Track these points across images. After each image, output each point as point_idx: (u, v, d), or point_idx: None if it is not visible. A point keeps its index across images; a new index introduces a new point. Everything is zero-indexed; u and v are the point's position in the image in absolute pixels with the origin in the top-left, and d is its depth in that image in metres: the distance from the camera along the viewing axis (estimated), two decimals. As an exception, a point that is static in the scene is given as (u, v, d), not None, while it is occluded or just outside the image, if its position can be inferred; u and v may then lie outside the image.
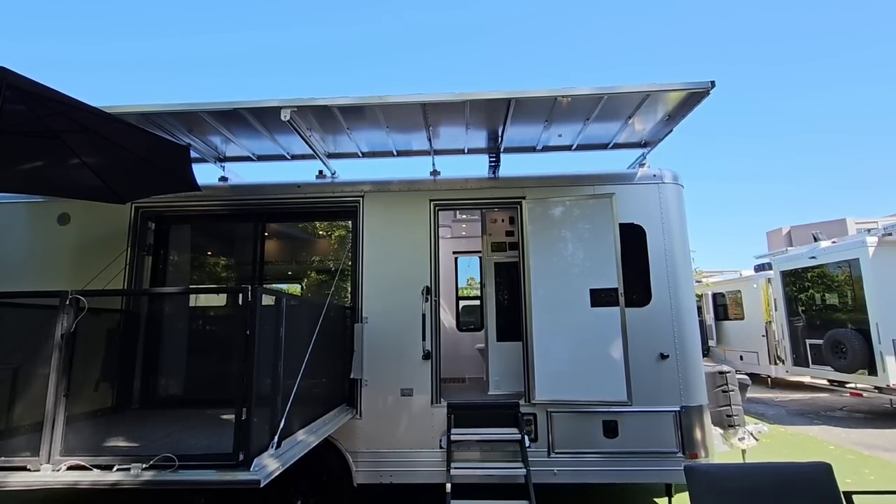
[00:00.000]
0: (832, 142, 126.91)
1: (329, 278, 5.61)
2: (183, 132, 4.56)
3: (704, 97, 3.78)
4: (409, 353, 4.41)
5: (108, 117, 3.18)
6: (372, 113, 4.19)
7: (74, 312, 2.70)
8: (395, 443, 4.27)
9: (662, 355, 4.25)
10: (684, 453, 4.08)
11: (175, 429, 3.41)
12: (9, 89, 2.56)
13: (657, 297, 4.37)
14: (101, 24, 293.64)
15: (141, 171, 3.90)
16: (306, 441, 3.17)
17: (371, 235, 4.65)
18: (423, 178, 4.82)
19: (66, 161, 3.71)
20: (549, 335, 4.34)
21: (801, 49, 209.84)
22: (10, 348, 3.15)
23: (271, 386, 2.86)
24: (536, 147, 4.98)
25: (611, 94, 3.80)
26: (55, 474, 2.52)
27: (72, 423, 2.77)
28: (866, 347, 8.31)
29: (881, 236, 8.34)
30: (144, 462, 2.50)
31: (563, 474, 4.11)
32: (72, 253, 4.74)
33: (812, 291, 10.01)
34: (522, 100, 3.85)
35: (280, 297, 3.04)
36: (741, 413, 4.73)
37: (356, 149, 5.02)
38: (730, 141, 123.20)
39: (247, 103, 3.93)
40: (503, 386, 4.95)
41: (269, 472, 2.49)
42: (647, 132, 4.67)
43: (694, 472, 2.45)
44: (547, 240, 4.51)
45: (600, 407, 4.19)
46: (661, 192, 4.55)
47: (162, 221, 5.05)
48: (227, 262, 6.44)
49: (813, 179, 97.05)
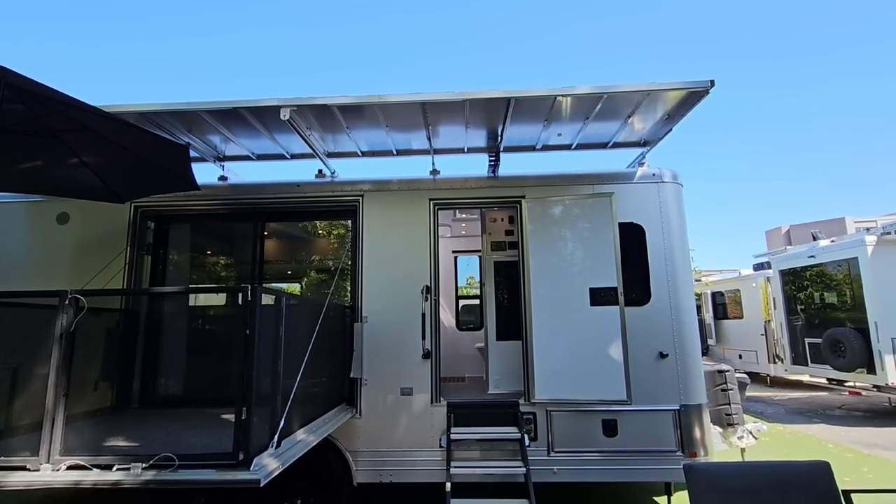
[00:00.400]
0: (831, 140, 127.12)
1: (329, 278, 5.61)
2: (182, 131, 4.56)
3: (704, 96, 3.78)
4: (409, 353, 4.41)
5: (107, 116, 3.17)
6: (371, 112, 4.19)
7: (74, 312, 2.70)
8: (394, 442, 4.28)
9: (662, 354, 4.26)
10: (683, 452, 4.09)
11: (175, 428, 3.41)
12: (8, 88, 2.56)
13: (656, 296, 4.37)
14: (102, 26, 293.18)
15: (140, 170, 3.89)
16: (306, 440, 3.17)
17: (371, 235, 4.65)
18: (423, 178, 4.82)
19: (65, 160, 3.70)
20: (548, 334, 4.35)
21: (800, 45, 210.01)
22: (10, 348, 3.15)
23: (271, 385, 2.86)
24: (536, 146, 4.98)
25: (610, 93, 3.80)
26: (55, 474, 2.52)
27: (71, 423, 2.77)
28: (865, 346, 8.33)
29: (880, 235, 8.36)
30: (144, 462, 2.49)
31: (562, 473, 4.12)
32: (71, 252, 4.73)
33: (811, 290, 10.02)
34: (522, 99, 3.85)
35: (280, 296, 3.04)
36: (740, 412, 4.73)
37: (356, 148, 5.01)
38: (729, 139, 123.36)
39: (246, 102, 3.93)
40: (503, 385, 4.96)
41: (268, 472, 2.49)
42: (647, 131, 4.67)
43: (693, 471, 2.45)
44: (546, 239, 4.52)
45: (600, 406, 4.20)
46: (660, 191, 4.55)
47: (161, 221, 5.05)
48: (227, 261, 6.44)
49: (812, 178, 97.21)
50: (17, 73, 2.47)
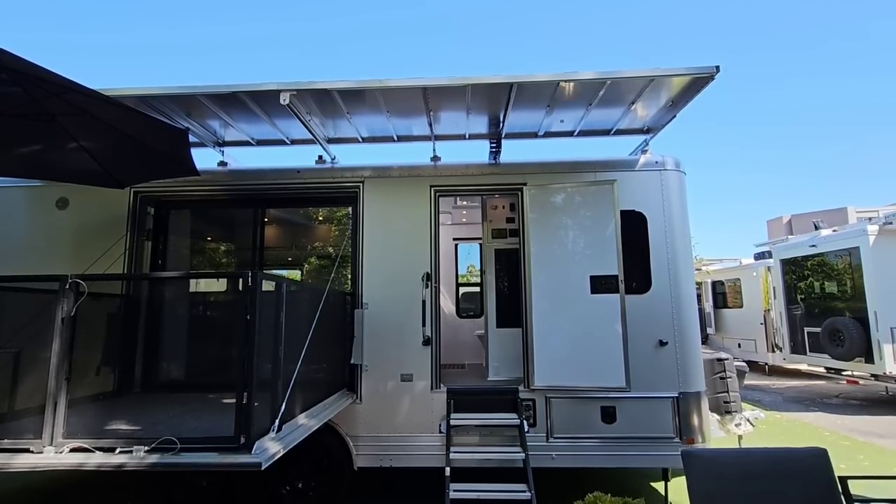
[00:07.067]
0: (834, 130, 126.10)
1: (329, 264, 5.61)
2: (181, 116, 4.52)
3: (709, 82, 3.74)
4: (409, 339, 4.43)
5: (105, 100, 3.13)
6: (372, 97, 4.15)
7: (74, 297, 2.70)
8: (395, 427, 4.31)
9: (661, 342, 4.27)
10: (681, 439, 4.12)
11: (177, 412, 3.43)
12: (4, 71, 2.53)
13: (657, 284, 4.37)
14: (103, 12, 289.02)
15: (139, 155, 3.86)
16: (307, 425, 3.20)
17: (371, 221, 4.63)
18: (424, 164, 4.78)
19: (63, 145, 3.66)
20: (548, 322, 4.35)
21: (803, 36, 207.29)
22: (12, 332, 3.16)
23: (272, 370, 2.87)
24: (538, 133, 4.94)
25: (614, 78, 3.75)
26: (58, 456, 2.55)
27: (74, 407, 2.79)
28: (864, 335, 8.35)
29: (882, 225, 8.33)
30: (146, 445, 2.52)
31: (561, 459, 4.16)
32: (71, 237, 4.72)
33: (811, 280, 10.02)
34: (524, 84, 3.80)
35: (280, 282, 3.03)
36: (738, 399, 4.76)
37: (356, 134, 4.97)
38: (731, 129, 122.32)
39: (246, 87, 3.88)
40: (502, 372, 4.98)
41: (269, 455, 2.51)
42: (650, 118, 4.62)
43: (691, 457, 2.47)
44: (548, 227, 4.50)
45: (599, 393, 4.22)
46: (662, 178, 4.52)
47: (161, 206, 5.03)
48: (227, 247, 6.44)
49: (814, 168, 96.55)
50: (13, 54, 2.43)
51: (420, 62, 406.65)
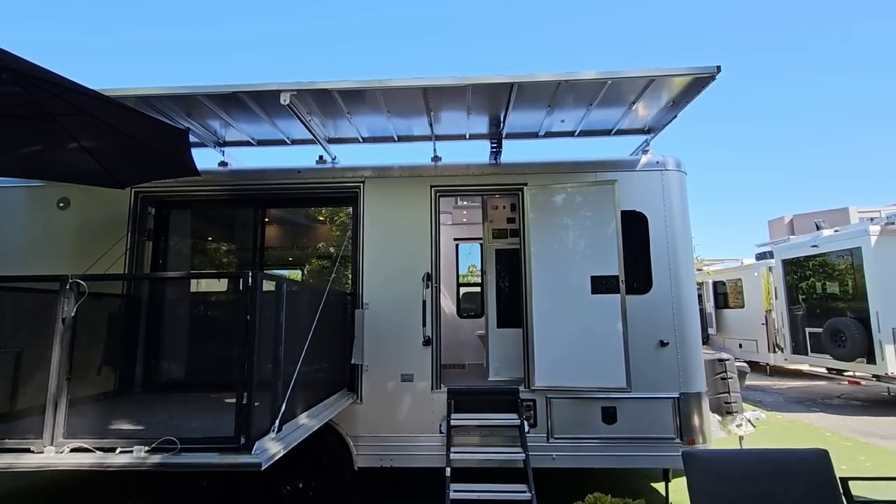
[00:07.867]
0: (836, 130, 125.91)
1: (330, 264, 5.61)
2: (182, 116, 4.52)
3: (710, 82, 3.73)
4: (410, 339, 4.42)
5: (105, 100, 3.13)
6: (372, 97, 4.14)
7: (75, 297, 2.70)
8: (395, 427, 4.31)
9: (662, 343, 4.26)
10: (682, 439, 4.11)
11: (177, 412, 3.44)
12: (4, 71, 2.53)
13: (658, 284, 4.36)
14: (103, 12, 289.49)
15: (140, 155, 3.86)
16: (307, 425, 3.19)
17: (372, 221, 4.63)
18: (425, 164, 4.78)
19: (64, 145, 3.67)
20: (549, 322, 4.35)
21: (803, 37, 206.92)
22: (12, 332, 3.16)
23: (272, 370, 2.87)
24: (539, 133, 4.93)
25: (615, 78, 3.75)
26: (59, 456, 2.55)
27: (75, 407, 2.80)
28: (865, 336, 8.33)
29: (884, 225, 8.31)
30: (147, 445, 2.52)
31: (561, 459, 4.16)
32: (72, 237, 4.72)
33: (813, 280, 10.00)
34: (525, 84, 3.80)
35: (280, 282, 3.03)
36: (739, 400, 4.75)
37: (357, 134, 4.97)
38: (732, 129, 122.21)
39: (246, 87, 3.88)
40: (503, 372, 4.98)
41: (270, 456, 2.51)
42: (651, 118, 4.62)
43: (691, 458, 2.46)
44: (548, 227, 4.49)
45: (599, 393, 4.22)
46: (663, 179, 4.51)
47: (162, 206, 5.03)
48: (228, 247, 6.44)
49: (816, 168, 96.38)
50: (12, 54, 2.43)
51: (420, 62, 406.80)
